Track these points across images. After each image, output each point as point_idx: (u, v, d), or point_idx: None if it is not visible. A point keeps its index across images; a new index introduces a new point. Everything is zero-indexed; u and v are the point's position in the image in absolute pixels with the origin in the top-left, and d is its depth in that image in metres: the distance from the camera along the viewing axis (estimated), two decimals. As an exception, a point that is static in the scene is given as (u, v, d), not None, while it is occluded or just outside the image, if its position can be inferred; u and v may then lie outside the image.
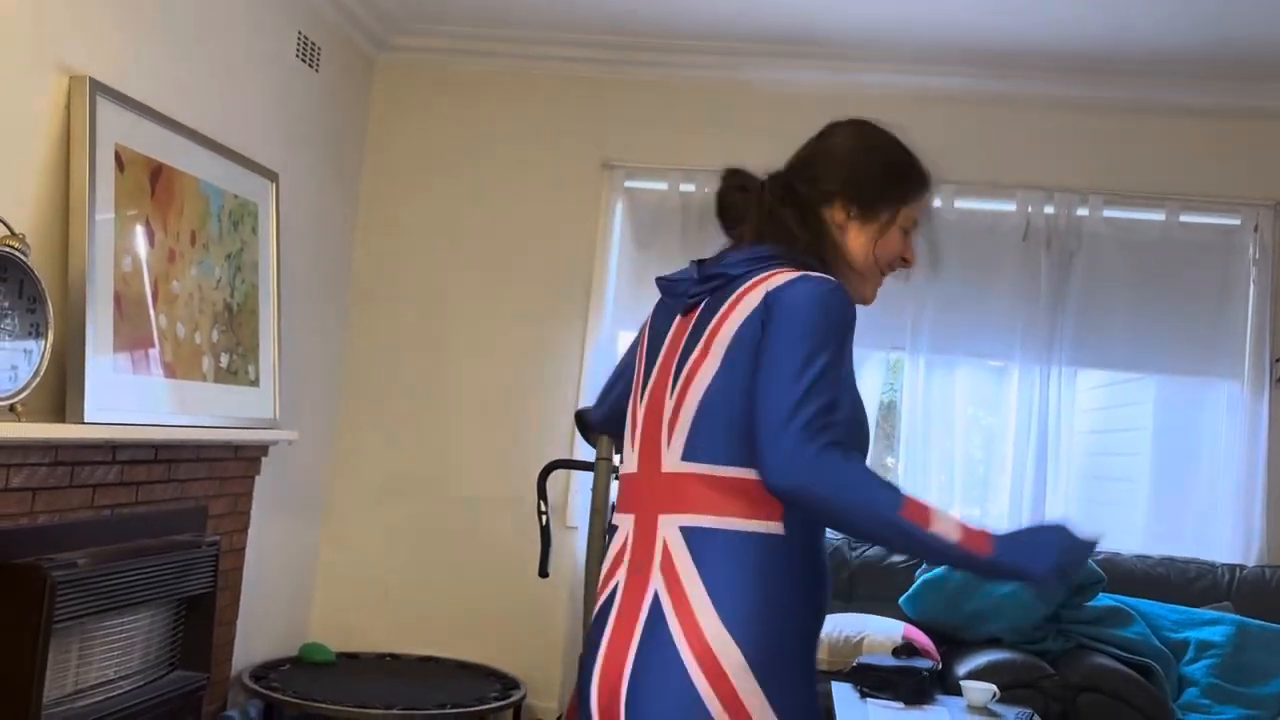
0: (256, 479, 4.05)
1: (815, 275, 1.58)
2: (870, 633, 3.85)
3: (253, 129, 4.05)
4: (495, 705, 4.06)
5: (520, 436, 4.85)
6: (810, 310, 1.53)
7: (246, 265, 3.84)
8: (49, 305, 2.84)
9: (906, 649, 3.71)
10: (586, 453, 4.52)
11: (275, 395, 3.99)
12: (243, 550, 3.96)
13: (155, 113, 3.36)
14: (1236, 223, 4.56)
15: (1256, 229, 4.53)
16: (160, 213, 3.36)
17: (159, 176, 3.37)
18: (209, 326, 3.58)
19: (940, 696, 3.24)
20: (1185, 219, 4.57)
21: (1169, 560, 4.34)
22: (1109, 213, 4.60)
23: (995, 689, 3.12)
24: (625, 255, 4.82)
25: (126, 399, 3.10)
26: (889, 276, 1.80)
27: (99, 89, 3.10)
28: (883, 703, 3.11)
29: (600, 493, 2.99)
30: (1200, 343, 4.52)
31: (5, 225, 2.76)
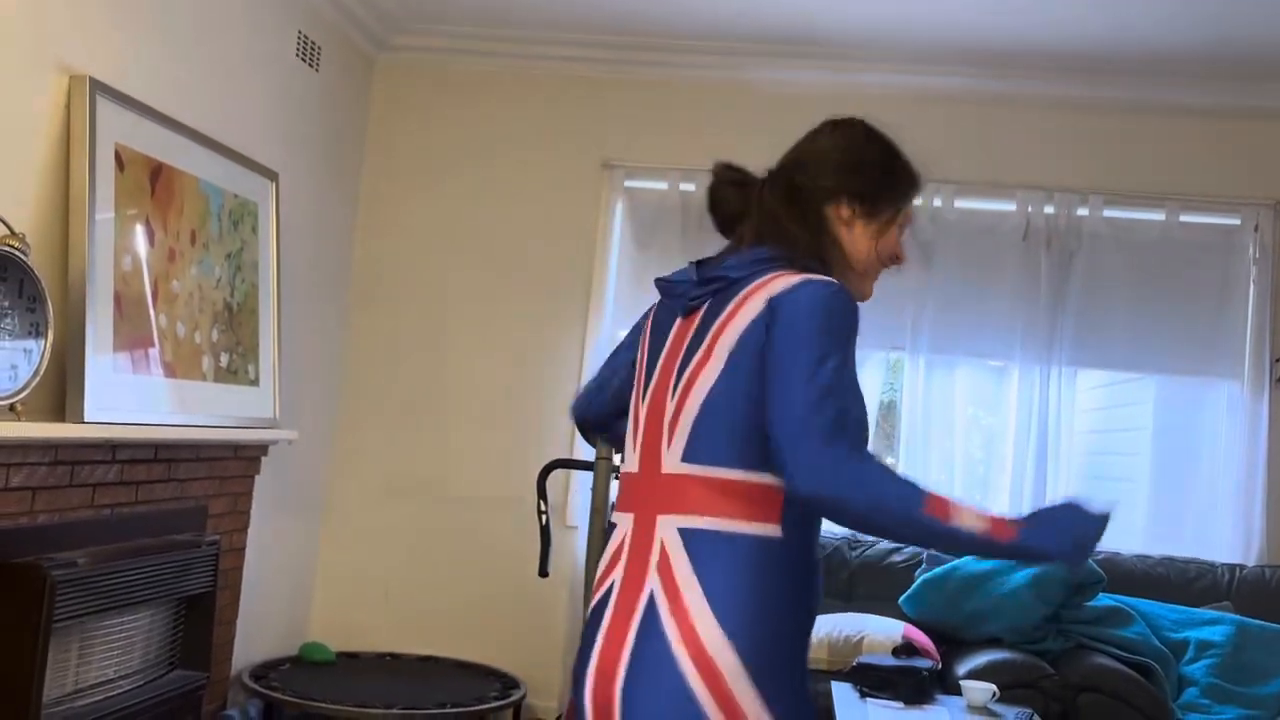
0: (256, 478, 4.05)
1: (818, 278, 1.58)
2: (870, 632, 3.85)
3: (253, 128, 4.05)
4: (495, 705, 4.07)
5: (520, 436, 4.85)
6: (817, 314, 1.53)
7: (246, 265, 3.85)
8: (49, 305, 2.84)
9: (906, 649, 3.72)
10: (586, 452, 4.52)
11: (275, 395, 3.99)
12: (243, 550, 3.96)
13: (155, 112, 3.37)
14: (1236, 223, 4.56)
15: (1256, 229, 4.53)
16: (160, 212, 3.36)
17: (159, 176, 3.37)
18: (209, 326, 3.58)
19: (940, 696, 3.24)
20: (1185, 219, 4.57)
21: (1169, 560, 4.34)
22: (1109, 213, 4.61)
23: (995, 689, 3.12)
24: (625, 255, 4.82)
25: (126, 398, 3.11)
26: (887, 275, 1.81)
27: (99, 88, 3.10)
28: (882, 702, 3.11)
29: (600, 492, 2.99)
30: (1200, 343, 4.52)
31: (5, 225, 2.76)
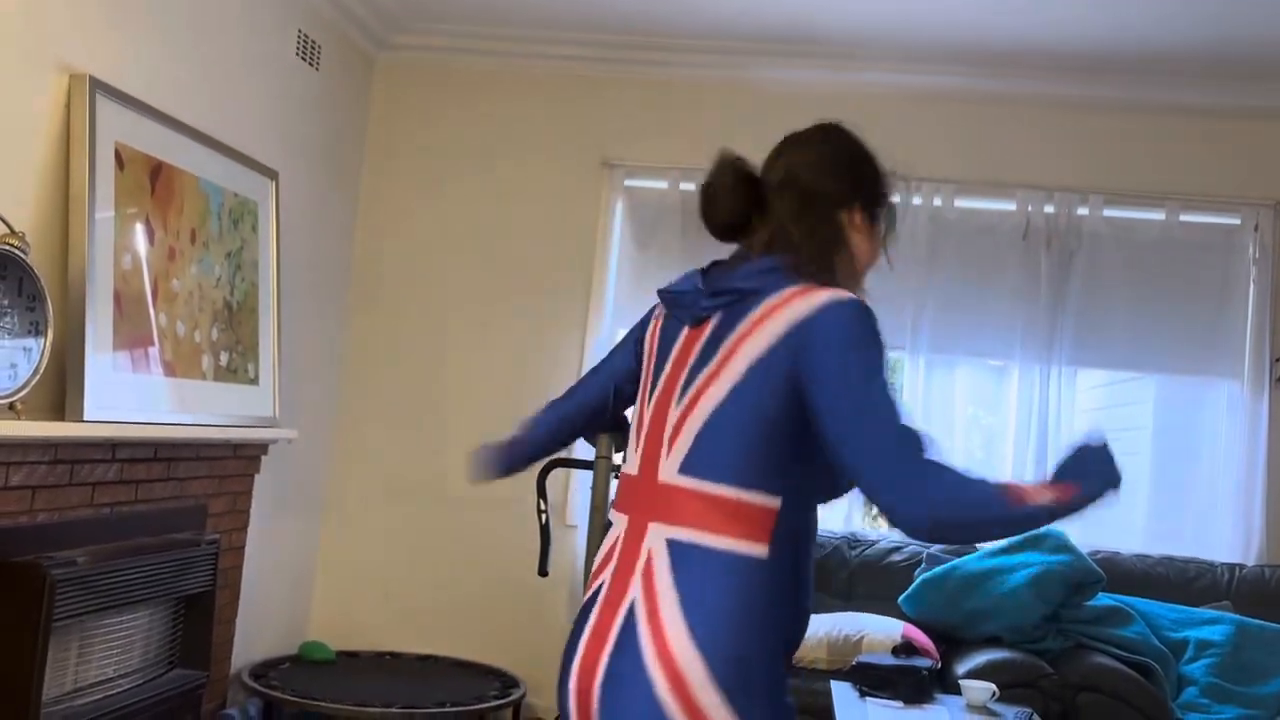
0: (256, 477, 4.05)
1: (838, 296, 1.57)
2: (870, 632, 3.85)
3: (253, 127, 4.05)
4: (494, 704, 4.07)
5: (520, 435, 4.84)
6: (854, 335, 1.54)
7: (246, 263, 3.84)
8: (49, 303, 2.84)
9: (906, 648, 3.72)
10: (586, 452, 4.52)
11: (275, 394, 3.99)
12: (242, 549, 3.96)
13: (155, 111, 3.37)
14: (1236, 222, 4.56)
15: (1256, 229, 4.53)
16: (160, 211, 3.36)
17: (159, 175, 3.37)
18: (209, 325, 3.58)
19: (939, 695, 3.24)
20: (1185, 219, 4.57)
21: (1168, 559, 4.34)
22: (1109, 212, 4.61)
23: (994, 688, 3.12)
24: (625, 255, 4.82)
25: (126, 397, 3.11)
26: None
27: (99, 87, 3.10)
28: (882, 702, 3.11)
29: (600, 491, 2.99)
30: (1200, 342, 4.52)
31: (5, 223, 2.76)
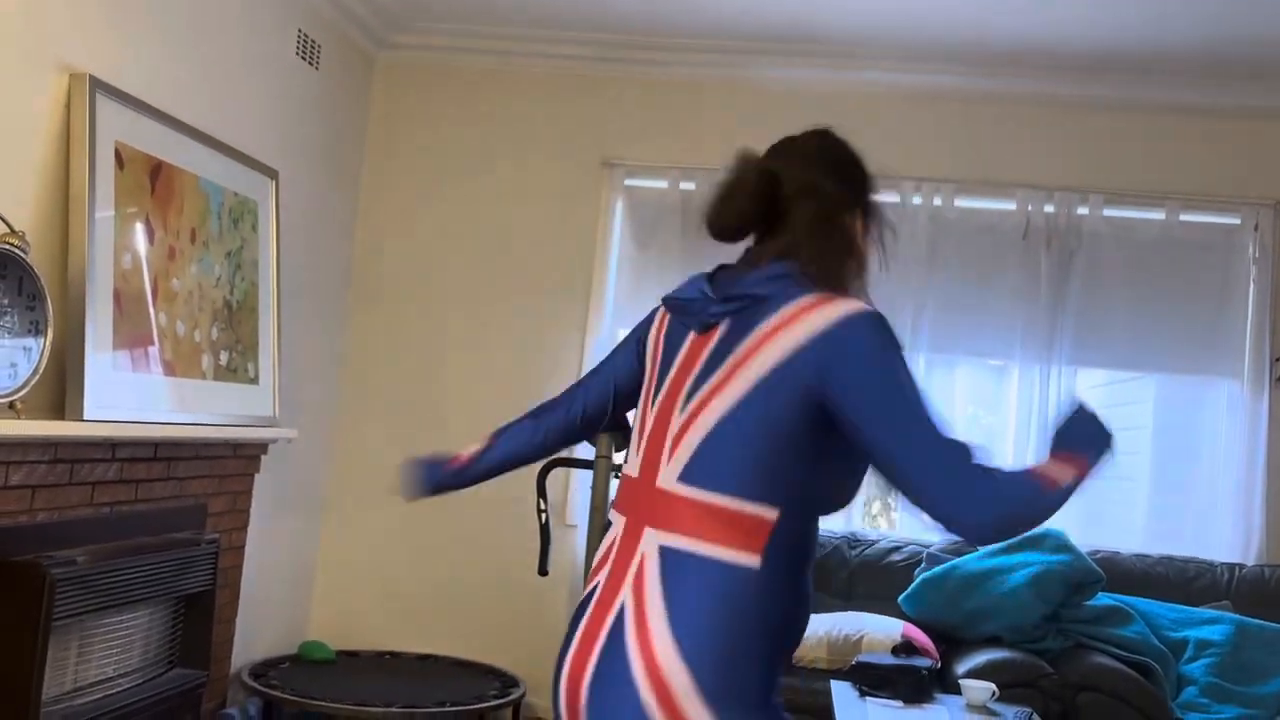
0: (256, 477, 4.05)
1: (857, 307, 1.57)
2: (869, 631, 3.85)
3: (252, 127, 4.05)
4: (494, 703, 4.06)
5: (520, 435, 4.83)
6: (880, 348, 1.53)
7: (246, 263, 3.84)
8: (48, 302, 2.84)
9: (906, 647, 3.72)
10: (586, 451, 4.51)
11: (275, 393, 3.99)
12: (242, 548, 3.96)
13: (155, 110, 3.36)
14: (1236, 222, 4.56)
15: (1256, 228, 4.53)
16: (160, 210, 3.36)
17: (159, 174, 3.37)
18: (209, 324, 3.58)
19: (939, 695, 3.24)
20: (1185, 218, 4.57)
21: (1168, 559, 4.34)
22: (1109, 212, 4.60)
23: (994, 688, 3.12)
24: (625, 254, 4.81)
25: (126, 396, 3.10)
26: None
27: (99, 86, 3.10)
28: (882, 701, 3.11)
29: (600, 490, 2.99)
30: (1200, 342, 4.52)
31: (5, 222, 2.76)
